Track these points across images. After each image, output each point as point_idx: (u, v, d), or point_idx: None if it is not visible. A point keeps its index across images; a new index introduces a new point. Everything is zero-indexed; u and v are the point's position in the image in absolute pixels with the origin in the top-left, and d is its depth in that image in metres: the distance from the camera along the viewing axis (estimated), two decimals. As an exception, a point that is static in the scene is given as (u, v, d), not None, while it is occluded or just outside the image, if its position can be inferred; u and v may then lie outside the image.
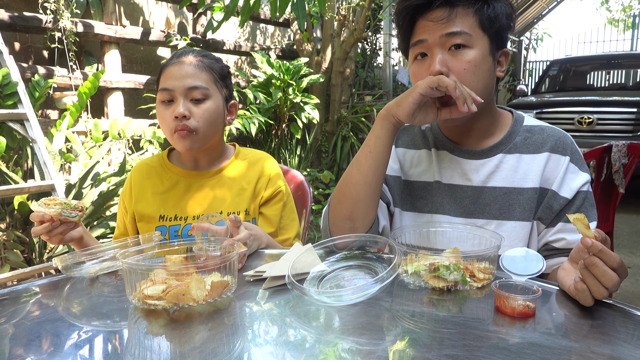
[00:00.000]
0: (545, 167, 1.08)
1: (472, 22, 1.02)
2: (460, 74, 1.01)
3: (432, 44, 1.03)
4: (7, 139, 2.73)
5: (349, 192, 1.06)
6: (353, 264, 0.93)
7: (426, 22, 1.03)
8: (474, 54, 1.02)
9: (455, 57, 1.01)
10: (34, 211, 1.06)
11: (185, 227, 1.30)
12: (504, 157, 1.10)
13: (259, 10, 2.84)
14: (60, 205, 1.07)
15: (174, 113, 1.23)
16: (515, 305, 0.73)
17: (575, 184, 1.06)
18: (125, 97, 4.02)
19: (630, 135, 4.82)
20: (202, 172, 1.35)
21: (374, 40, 6.72)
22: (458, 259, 0.85)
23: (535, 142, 1.10)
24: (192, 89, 1.24)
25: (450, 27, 1.01)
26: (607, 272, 0.72)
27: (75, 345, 0.68)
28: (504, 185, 1.09)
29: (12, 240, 2.58)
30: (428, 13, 1.03)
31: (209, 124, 1.27)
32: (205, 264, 0.82)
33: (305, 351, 0.65)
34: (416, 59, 1.07)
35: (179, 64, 1.26)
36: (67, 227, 1.10)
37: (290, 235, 1.37)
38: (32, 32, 3.48)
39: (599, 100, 5.30)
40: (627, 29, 13.32)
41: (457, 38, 1.01)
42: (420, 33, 1.05)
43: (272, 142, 4.61)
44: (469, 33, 1.01)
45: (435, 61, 1.01)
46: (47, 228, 1.06)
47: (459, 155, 1.13)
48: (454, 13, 1.01)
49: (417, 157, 1.20)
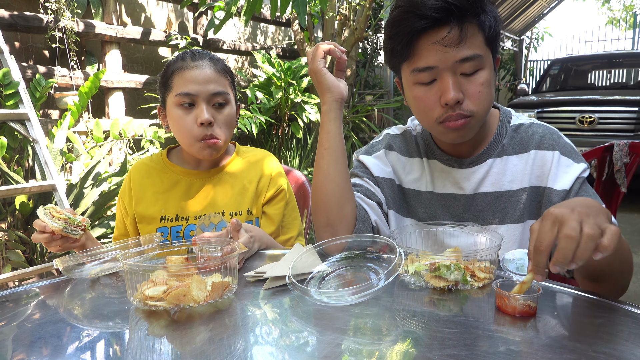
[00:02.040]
0: (533, 165, 1.06)
1: (480, 39, 0.95)
2: (474, 97, 0.96)
3: (442, 69, 0.95)
4: (8, 139, 2.73)
5: (319, 198, 1.06)
6: (353, 264, 0.93)
7: (434, 45, 0.93)
8: (486, 75, 0.96)
9: (469, 81, 0.96)
10: (39, 218, 1.06)
11: (187, 227, 1.29)
12: (493, 162, 1.09)
13: (260, 9, 2.84)
14: (65, 220, 1.06)
15: (198, 119, 1.21)
16: (517, 305, 0.73)
17: (571, 175, 1.02)
18: (126, 97, 4.03)
19: (631, 135, 4.81)
20: (203, 171, 1.34)
21: (374, 40, 6.72)
22: (459, 259, 0.85)
23: (521, 141, 1.08)
24: (216, 95, 1.24)
25: (463, 50, 0.93)
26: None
27: (77, 347, 0.68)
28: (495, 190, 1.08)
29: (13, 240, 2.58)
30: (433, 32, 0.93)
31: (230, 129, 1.29)
32: (206, 265, 0.82)
33: (307, 351, 0.65)
34: (420, 84, 0.99)
35: (199, 68, 1.23)
36: (67, 241, 1.10)
37: (293, 235, 1.36)
38: (33, 31, 3.49)
39: (600, 99, 5.29)
40: (628, 29, 13.30)
41: (472, 63, 0.94)
42: (426, 57, 0.95)
43: (273, 142, 4.61)
44: (481, 54, 0.95)
45: (450, 88, 0.94)
46: (47, 239, 1.07)
47: (450, 165, 1.12)
48: (465, 32, 0.92)
49: (409, 165, 1.18)
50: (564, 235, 0.69)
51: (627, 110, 4.91)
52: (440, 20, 0.91)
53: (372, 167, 1.19)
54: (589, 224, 0.68)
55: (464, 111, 0.96)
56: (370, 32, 6.32)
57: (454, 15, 0.91)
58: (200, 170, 1.34)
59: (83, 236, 1.13)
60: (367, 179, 1.18)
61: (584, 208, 0.71)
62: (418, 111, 1.04)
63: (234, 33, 5.61)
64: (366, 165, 1.20)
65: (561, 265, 0.69)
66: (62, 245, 1.09)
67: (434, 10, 0.91)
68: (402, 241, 0.98)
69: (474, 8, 0.93)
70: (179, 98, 1.23)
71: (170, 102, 1.26)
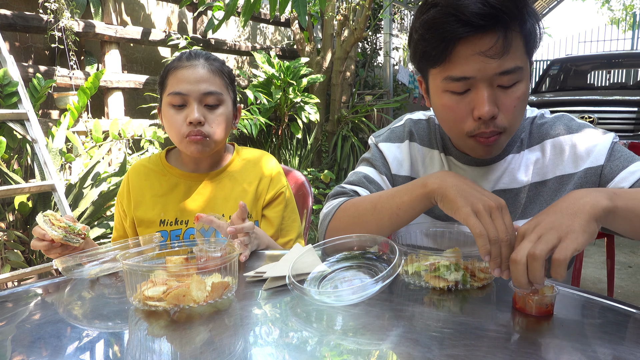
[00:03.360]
0: (555, 155, 1.02)
1: (521, 49, 0.87)
2: (509, 112, 0.89)
3: (479, 80, 0.87)
4: (8, 139, 2.72)
5: (358, 228, 0.99)
6: (353, 264, 0.93)
7: (474, 54, 0.84)
8: (524, 88, 0.89)
9: (505, 94, 0.88)
10: (39, 225, 1.05)
11: (187, 231, 1.29)
12: (512, 158, 1.05)
13: (259, 9, 2.84)
14: (65, 228, 1.05)
15: (187, 118, 1.21)
16: (542, 305, 0.73)
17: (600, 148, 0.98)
18: (126, 97, 4.02)
19: (631, 135, 4.82)
20: (202, 174, 1.34)
21: (374, 40, 6.72)
22: (459, 259, 0.85)
23: (537, 133, 1.05)
24: (207, 95, 1.23)
25: (505, 62, 0.84)
26: None
27: (76, 347, 0.68)
28: (513, 187, 1.04)
29: (12, 241, 2.58)
30: (475, 40, 0.83)
31: (222, 130, 1.27)
32: (206, 265, 0.82)
33: (306, 352, 0.65)
34: (452, 92, 0.91)
35: (192, 67, 1.23)
36: (67, 249, 1.08)
37: (292, 237, 1.36)
38: (32, 31, 3.48)
39: (599, 99, 5.29)
40: (628, 28, 13.31)
41: (512, 76, 0.86)
42: (464, 67, 0.86)
43: (273, 142, 4.61)
44: (522, 66, 0.87)
45: (486, 101, 0.86)
46: (46, 247, 1.05)
47: (466, 163, 1.08)
48: (509, 42, 0.83)
49: (429, 157, 1.13)
50: (511, 259, 0.69)
51: (627, 110, 4.92)
52: (485, 27, 0.82)
53: (391, 162, 1.13)
54: (544, 239, 0.68)
55: (497, 127, 0.90)
56: (369, 32, 6.32)
57: (500, 22, 0.83)
58: (200, 174, 1.34)
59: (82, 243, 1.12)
60: (385, 175, 1.13)
61: (555, 218, 0.70)
62: (446, 120, 0.97)
63: (234, 33, 5.61)
64: (386, 157, 1.14)
65: (520, 287, 0.70)
66: (62, 252, 1.08)
67: (479, 16, 0.81)
68: (406, 241, 0.98)
69: (522, 14, 0.85)
70: (171, 97, 1.23)
71: (164, 101, 1.27)
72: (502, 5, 0.82)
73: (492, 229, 0.75)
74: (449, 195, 0.83)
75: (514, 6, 0.83)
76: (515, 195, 1.05)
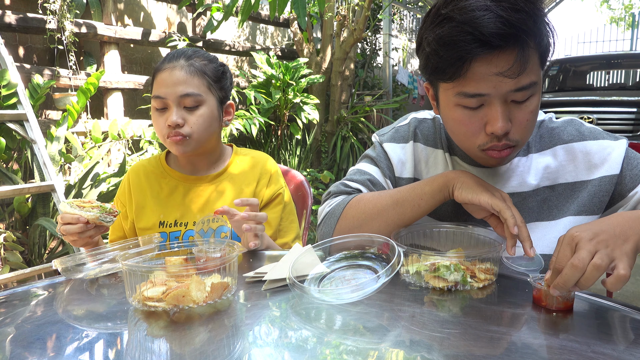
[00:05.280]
0: (565, 161, 1.01)
1: (536, 63, 0.86)
2: (522, 126, 0.88)
3: (494, 96, 0.85)
4: (7, 140, 2.72)
5: (376, 225, 0.99)
6: (353, 263, 0.93)
7: (490, 74, 0.82)
8: (537, 101, 0.88)
9: (518, 108, 0.87)
10: (65, 212, 1.05)
11: (186, 233, 1.29)
12: (519, 161, 1.04)
13: (258, 10, 2.84)
14: (97, 208, 1.05)
15: (167, 121, 1.22)
16: (569, 299, 0.75)
17: (616, 155, 0.98)
18: (125, 98, 4.02)
19: (630, 135, 4.82)
20: (201, 177, 1.34)
21: (373, 41, 6.73)
22: (460, 259, 0.85)
23: (545, 137, 1.04)
24: (185, 97, 1.22)
25: (521, 80, 0.83)
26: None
27: (76, 348, 0.68)
28: (521, 191, 1.03)
29: (11, 241, 2.58)
30: (492, 58, 0.81)
31: (203, 130, 1.26)
32: (205, 266, 0.82)
33: (306, 352, 0.65)
34: (465, 107, 0.89)
35: (170, 69, 1.23)
36: (99, 230, 1.09)
37: (289, 239, 1.35)
38: (31, 32, 3.48)
39: (598, 100, 5.29)
40: (627, 28, 13.33)
41: (527, 92, 0.85)
42: (479, 84, 0.84)
43: (272, 143, 4.61)
44: (536, 81, 0.86)
45: (499, 118, 0.85)
46: (81, 229, 1.05)
47: (471, 164, 1.07)
48: (525, 60, 0.81)
49: (433, 157, 1.11)
50: (571, 263, 0.71)
51: (626, 111, 4.93)
52: (502, 47, 0.81)
53: (396, 164, 1.12)
54: (601, 254, 0.70)
55: (510, 141, 0.89)
56: (369, 32, 6.32)
57: (519, 42, 0.81)
58: (199, 176, 1.34)
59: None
60: (389, 178, 1.12)
61: (609, 236, 0.72)
62: (457, 134, 0.95)
63: (234, 33, 5.61)
64: (390, 159, 1.13)
65: (561, 290, 0.72)
66: (95, 234, 1.08)
67: (498, 37, 0.79)
68: (408, 241, 0.98)
69: (539, 30, 0.83)
70: (153, 101, 1.26)
71: (151, 105, 1.29)
72: (520, 23, 0.80)
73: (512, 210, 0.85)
74: (468, 182, 0.91)
75: (532, 23, 0.81)
76: (525, 199, 1.03)
